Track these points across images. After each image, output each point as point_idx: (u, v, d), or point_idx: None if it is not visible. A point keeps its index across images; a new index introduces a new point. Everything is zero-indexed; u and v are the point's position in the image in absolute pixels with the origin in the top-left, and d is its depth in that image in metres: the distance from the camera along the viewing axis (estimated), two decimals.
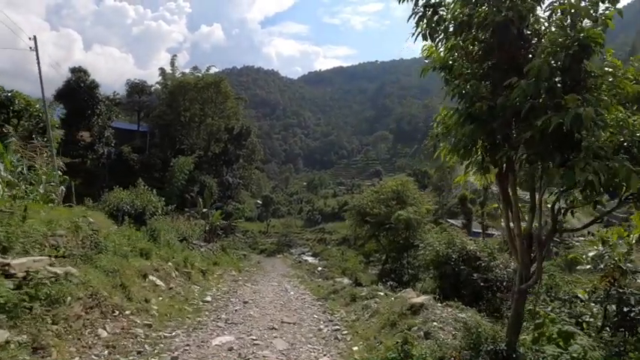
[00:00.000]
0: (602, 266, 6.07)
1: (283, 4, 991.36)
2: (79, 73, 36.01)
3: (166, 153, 42.01)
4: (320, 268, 32.81)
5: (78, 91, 35.09)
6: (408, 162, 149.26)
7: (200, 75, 47.09)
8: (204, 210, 31.42)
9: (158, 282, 8.51)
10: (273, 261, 40.85)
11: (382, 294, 9.39)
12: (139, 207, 12.76)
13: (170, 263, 10.63)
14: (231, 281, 16.74)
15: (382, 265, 15.64)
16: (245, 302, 10.07)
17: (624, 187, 3.67)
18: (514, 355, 4.60)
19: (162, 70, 47.35)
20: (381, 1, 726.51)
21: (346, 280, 27.27)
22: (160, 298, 7.88)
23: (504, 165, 4.32)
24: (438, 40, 4.73)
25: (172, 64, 48.83)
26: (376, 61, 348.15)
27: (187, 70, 49.85)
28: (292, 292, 13.60)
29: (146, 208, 12.91)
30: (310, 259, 49.64)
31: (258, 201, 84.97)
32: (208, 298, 9.61)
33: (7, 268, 5.09)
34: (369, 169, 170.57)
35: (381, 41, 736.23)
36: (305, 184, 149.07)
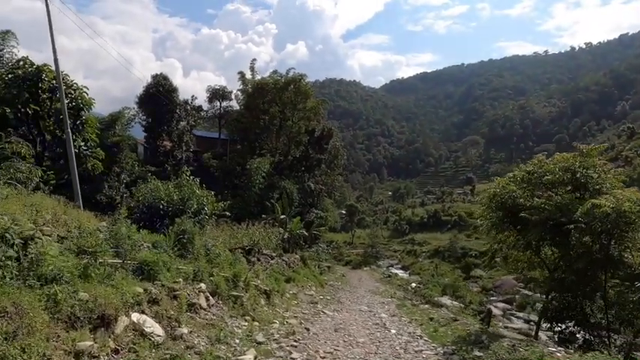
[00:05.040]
0: None
1: (364, 16, 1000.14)
2: (158, 78, 35.43)
3: (246, 158, 39.96)
4: (414, 285, 28.86)
5: (157, 96, 34.41)
6: (504, 167, 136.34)
7: (280, 77, 44.66)
8: (282, 217, 28.05)
9: (148, 327, 4.54)
10: (359, 274, 37.86)
11: None
12: (176, 203, 9.18)
13: (203, 285, 6.74)
14: (307, 304, 12.62)
15: (545, 295, 10.00)
16: None
17: None
18: None
19: (241, 74, 45.71)
20: (466, 2, 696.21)
21: (449, 301, 22.22)
22: None
23: None
24: None
25: (252, 68, 47.03)
26: (462, 64, 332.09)
27: (267, 75, 47.83)
28: (394, 330, 8.95)
29: (187, 204, 9.29)
30: (400, 273, 46.02)
31: (343, 211, 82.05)
32: (249, 356, 5.35)
33: None
34: (459, 176, 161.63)
35: (467, 44, 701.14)
36: (390, 193, 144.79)
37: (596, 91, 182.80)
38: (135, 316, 4.64)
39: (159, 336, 4.72)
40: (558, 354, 5.95)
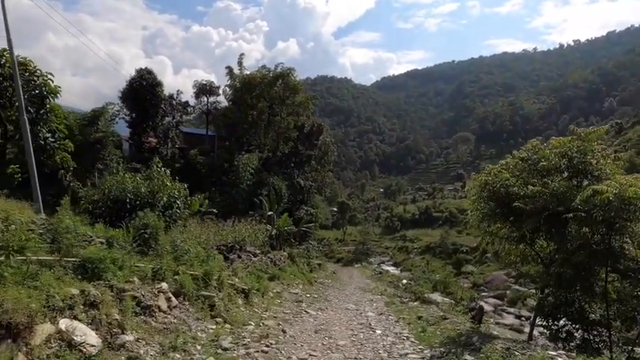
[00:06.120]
0: None
1: (356, 13, 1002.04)
2: (142, 72, 34.36)
3: (233, 155, 39.15)
4: (405, 281, 28.45)
5: (141, 90, 33.36)
6: (495, 163, 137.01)
7: (268, 72, 43.75)
8: (270, 213, 27.41)
9: (79, 335, 3.81)
10: (351, 271, 37.55)
11: None
12: (145, 195, 8.45)
13: (164, 284, 6.06)
14: (291, 303, 12.01)
15: (540, 291, 9.40)
16: None
17: None
18: None
19: (229, 69, 44.70)
20: (456, 0, 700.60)
21: (440, 298, 21.83)
22: None
23: None
24: None
25: (240, 63, 46.07)
26: (453, 61, 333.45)
27: (256, 70, 46.87)
28: (379, 331, 8.36)
29: (157, 196, 8.58)
30: (391, 270, 45.95)
31: (334, 208, 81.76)
32: None
33: None
34: (450, 172, 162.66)
35: (458, 41, 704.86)
36: (382, 190, 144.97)
37: (585, 87, 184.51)
38: (63, 323, 3.94)
39: (92, 346, 4.02)
40: (559, 358, 5.37)
